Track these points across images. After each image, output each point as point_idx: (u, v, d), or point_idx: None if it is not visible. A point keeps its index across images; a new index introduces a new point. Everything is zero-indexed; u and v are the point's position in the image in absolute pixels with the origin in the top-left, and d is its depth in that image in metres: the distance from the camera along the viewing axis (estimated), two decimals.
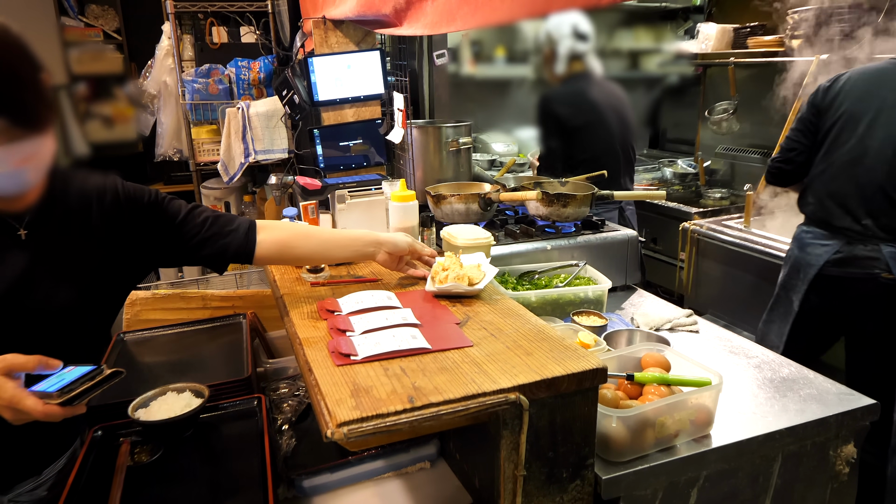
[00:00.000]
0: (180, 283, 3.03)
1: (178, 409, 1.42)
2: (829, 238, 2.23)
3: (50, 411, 1.11)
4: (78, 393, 1.16)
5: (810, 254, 2.26)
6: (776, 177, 2.48)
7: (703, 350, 1.78)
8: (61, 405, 1.13)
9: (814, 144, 2.32)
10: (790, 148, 2.39)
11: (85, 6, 3.70)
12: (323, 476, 1.45)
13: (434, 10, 1.51)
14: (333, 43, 2.38)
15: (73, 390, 1.15)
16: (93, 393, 1.18)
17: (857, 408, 1.43)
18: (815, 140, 2.31)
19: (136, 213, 1.37)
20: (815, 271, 2.22)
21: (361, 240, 1.52)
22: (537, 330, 1.28)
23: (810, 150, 2.33)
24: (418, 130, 2.53)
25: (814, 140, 2.32)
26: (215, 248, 1.42)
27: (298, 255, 1.51)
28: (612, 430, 1.24)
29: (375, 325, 1.29)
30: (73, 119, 3.72)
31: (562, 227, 2.23)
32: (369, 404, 1.01)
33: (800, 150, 2.36)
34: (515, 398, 1.05)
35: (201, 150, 3.27)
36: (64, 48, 3.61)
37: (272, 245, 1.45)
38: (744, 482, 1.36)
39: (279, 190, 2.12)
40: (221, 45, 3.33)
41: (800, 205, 2.41)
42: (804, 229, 2.35)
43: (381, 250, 1.51)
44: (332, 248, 1.52)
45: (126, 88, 3.69)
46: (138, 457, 1.37)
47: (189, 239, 1.41)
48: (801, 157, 2.36)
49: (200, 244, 1.41)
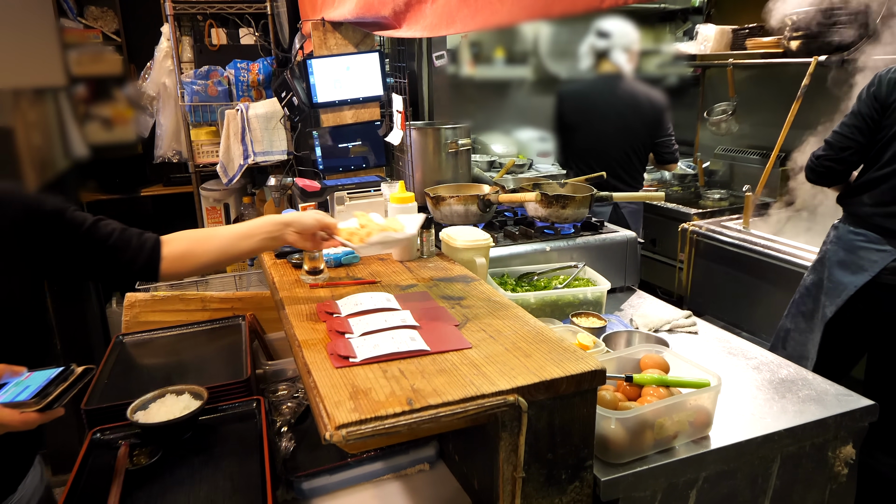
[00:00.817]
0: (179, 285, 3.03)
1: (178, 412, 1.42)
2: (885, 243, 2.07)
3: (28, 419, 1.09)
4: (55, 396, 1.13)
5: (863, 258, 2.09)
6: (824, 176, 2.27)
7: (702, 351, 1.78)
8: (39, 411, 1.11)
9: (871, 142, 2.13)
10: (844, 146, 2.17)
11: (84, 8, 3.70)
12: (322, 478, 1.45)
13: (433, 12, 1.51)
14: (332, 45, 2.38)
15: (49, 394, 1.13)
16: (69, 394, 1.16)
17: (856, 409, 1.43)
18: (875, 137, 2.11)
19: (39, 221, 1.33)
20: (868, 278, 2.06)
21: (265, 226, 1.46)
22: (536, 331, 1.28)
23: (866, 149, 2.15)
24: (417, 132, 2.53)
25: (872, 137, 2.12)
26: (121, 262, 1.38)
27: (205, 261, 1.46)
28: (610, 432, 1.24)
29: (374, 327, 1.29)
30: (73, 121, 3.71)
31: (561, 229, 2.23)
32: (368, 406, 1.01)
33: (855, 149, 2.16)
34: (514, 400, 1.05)
35: (200, 152, 3.27)
36: (63, 50, 3.60)
37: (175, 257, 1.42)
38: (743, 483, 1.36)
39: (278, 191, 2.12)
40: (220, 46, 3.33)
41: (849, 205, 2.22)
42: (852, 230, 2.16)
43: (289, 230, 1.45)
44: (237, 241, 1.45)
45: (125, 90, 3.68)
46: (137, 459, 1.37)
47: (94, 250, 1.37)
48: (855, 157, 2.18)
49: (106, 256, 1.37)
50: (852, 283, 2.08)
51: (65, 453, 3.05)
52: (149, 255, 1.41)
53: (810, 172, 2.31)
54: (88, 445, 1.43)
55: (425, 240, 1.81)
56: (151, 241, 1.42)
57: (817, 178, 2.30)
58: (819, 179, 2.30)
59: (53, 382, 1.16)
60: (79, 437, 3.06)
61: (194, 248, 1.45)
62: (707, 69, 4.03)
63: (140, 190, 3.89)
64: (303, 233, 1.46)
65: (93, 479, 1.33)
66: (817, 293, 2.22)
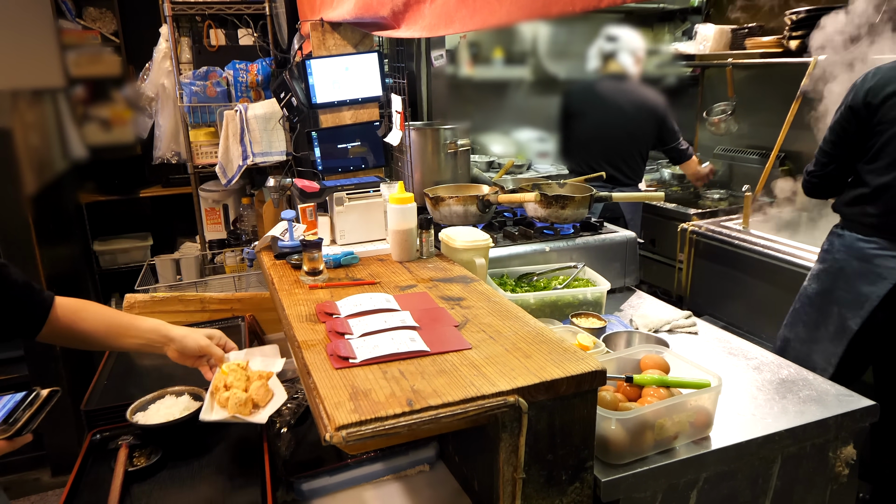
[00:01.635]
0: (178, 286, 3.02)
1: (177, 413, 1.42)
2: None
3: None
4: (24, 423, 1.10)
5: (880, 266, 2.03)
6: (815, 190, 2.28)
7: (702, 351, 1.77)
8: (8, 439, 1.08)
9: (857, 153, 2.10)
10: (826, 162, 2.18)
11: (82, 9, 3.70)
12: (322, 479, 1.45)
13: (432, 12, 1.51)
14: (331, 45, 2.37)
15: (17, 420, 1.10)
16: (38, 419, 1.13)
17: (857, 409, 1.43)
18: (861, 148, 2.08)
19: None
20: (890, 286, 1.99)
21: (151, 333, 1.43)
22: (536, 332, 1.28)
23: (850, 160, 2.13)
24: (416, 132, 2.53)
25: (856, 149, 2.10)
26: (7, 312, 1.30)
27: (85, 337, 1.39)
28: (611, 433, 1.24)
29: (374, 328, 1.29)
30: (71, 122, 3.71)
31: (560, 229, 2.23)
32: (368, 407, 1.01)
33: (838, 164, 2.16)
34: (514, 401, 1.05)
35: (199, 153, 3.27)
36: (61, 51, 3.60)
37: (61, 321, 1.35)
38: (743, 484, 1.36)
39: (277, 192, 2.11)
40: (219, 47, 3.32)
41: (852, 213, 2.14)
42: (862, 238, 2.09)
43: (171, 347, 1.43)
44: (122, 331, 1.41)
45: (124, 91, 3.68)
46: (137, 460, 1.36)
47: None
48: (839, 171, 2.17)
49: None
50: (874, 294, 2.03)
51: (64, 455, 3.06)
52: (37, 309, 1.33)
53: (804, 187, 2.35)
54: (88, 446, 1.43)
55: (425, 240, 1.81)
56: (47, 299, 1.34)
57: (811, 192, 2.33)
58: (813, 193, 2.33)
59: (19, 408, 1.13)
60: (78, 439, 3.06)
61: (82, 320, 1.37)
62: (706, 69, 4.03)
63: (139, 191, 3.89)
64: (182, 353, 1.44)
65: (92, 480, 1.32)
66: (824, 304, 2.17)
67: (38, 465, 3.14)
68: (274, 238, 1.86)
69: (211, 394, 1.36)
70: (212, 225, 3.51)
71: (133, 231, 3.99)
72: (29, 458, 3.12)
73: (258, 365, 1.46)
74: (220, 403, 1.33)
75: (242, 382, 1.36)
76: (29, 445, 1.14)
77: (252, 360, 1.47)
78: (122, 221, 4.02)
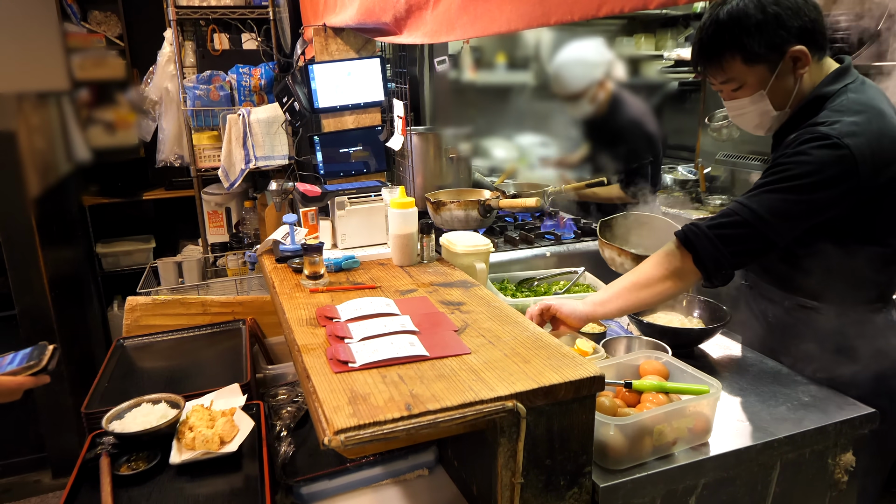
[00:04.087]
0: (180, 289, 3.03)
1: (154, 421, 1.42)
2: None
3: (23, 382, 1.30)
4: (44, 365, 1.37)
5: None
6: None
7: (702, 357, 1.77)
8: (33, 374, 1.34)
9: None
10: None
11: (87, 12, 3.72)
12: (321, 483, 1.45)
13: (434, 18, 1.52)
14: (334, 50, 2.39)
15: (38, 363, 1.37)
16: (52, 362, 1.38)
17: (856, 416, 1.42)
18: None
19: None
20: None
21: None
22: (535, 337, 1.28)
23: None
24: (418, 137, 2.54)
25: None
26: None
27: None
28: (609, 438, 1.24)
29: (374, 332, 1.30)
30: (76, 124, 3.73)
31: (561, 234, 2.24)
32: (367, 412, 1.01)
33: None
34: (513, 406, 1.06)
35: (202, 156, 3.28)
36: (66, 54, 3.62)
37: None
38: (742, 490, 1.36)
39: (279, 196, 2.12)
40: (223, 51, 3.34)
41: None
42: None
43: None
44: None
45: (128, 94, 3.70)
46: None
47: None
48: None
49: None
50: None
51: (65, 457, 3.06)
52: None
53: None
54: (88, 449, 1.43)
55: (425, 245, 1.82)
56: None
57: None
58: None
59: (33, 356, 1.37)
60: (79, 441, 3.06)
61: None
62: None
63: (142, 194, 3.91)
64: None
65: (93, 482, 1.33)
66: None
67: (38, 466, 3.14)
68: (275, 242, 1.86)
69: (176, 439, 1.39)
70: (214, 228, 3.52)
71: (136, 234, 4.01)
72: (30, 460, 3.13)
73: (221, 405, 1.50)
74: (186, 446, 1.36)
75: (205, 422, 1.40)
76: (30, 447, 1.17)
77: (216, 402, 1.51)
78: (124, 224, 4.03)
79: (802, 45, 1.43)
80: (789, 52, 1.44)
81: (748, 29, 1.43)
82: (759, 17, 1.42)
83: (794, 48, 1.43)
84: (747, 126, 1.60)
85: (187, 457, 1.34)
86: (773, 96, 1.50)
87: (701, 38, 1.51)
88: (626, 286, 1.56)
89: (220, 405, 1.49)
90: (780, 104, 1.52)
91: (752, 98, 1.51)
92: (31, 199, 2.96)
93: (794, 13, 1.41)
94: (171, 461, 1.34)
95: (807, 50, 1.44)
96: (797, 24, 1.42)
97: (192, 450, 1.35)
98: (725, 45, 1.46)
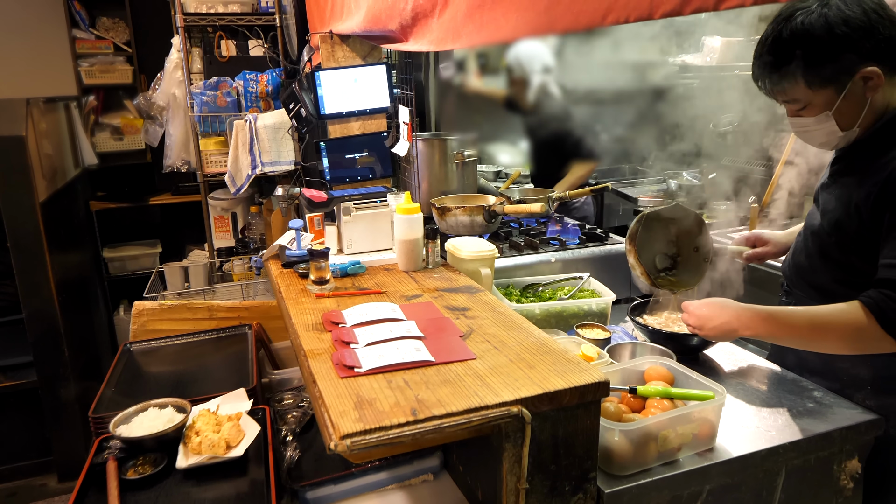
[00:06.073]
0: (187, 294, 3.05)
1: (160, 425, 1.43)
2: None
3: None
4: None
5: None
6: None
7: (707, 363, 1.77)
8: None
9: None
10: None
11: (96, 19, 3.75)
12: (326, 487, 1.45)
13: (440, 27, 1.53)
14: (340, 57, 2.40)
15: None
16: None
17: (861, 422, 1.42)
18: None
19: None
20: None
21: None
22: (540, 343, 1.29)
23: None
24: (424, 143, 2.55)
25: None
26: None
27: None
28: (614, 444, 1.25)
29: (379, 338, 1.30)
30: (84, 130, 3.76)
31: (566, 240, 2.24)
32: (372, 417, 1.02)
33: None
34: (518, 411, 1.06)
35: (209, 162, 3.30)
36: (75, 60, 3.65)
37: None
38: (747, 496, 1.36)
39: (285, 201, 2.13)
40: (230, 58, 3.36)
41: None
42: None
43: None
44: None
45: (135, 100, 3.73)
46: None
47: None
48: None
49: None
50: None
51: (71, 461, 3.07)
52: None
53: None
54: (95, 452, 1.44)
55: (431, 251, 1.82)
56: None
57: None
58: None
59: None
60: (85, 445, 3.08)
61: None
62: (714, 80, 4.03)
63: (149, 199, 3.93)
64: None
65: (100, 486, 1.34)
66: None
67: (45, 470, 3.15)
68: (281, 247, 1.87)
69: (182, 444, 1.40)
70: (220, 233, 3.54)
71: (142, 238, 4.03)
72: (36, 463, 3.14)
73: (227, 409, 1.51)
74: (193, 451, 1.37)
75: (211, 426, 1.41)
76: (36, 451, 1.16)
77: (222, 406, 1.52)
78: (131, 229, 4.06)
79: (875, 65, 1.32)
80: (860, 72, 1.33)
81: (812, 52, 1.32)
82: (826, 38, 1.30)
83: (866, 69, 1.33)
84: (812, 143, 1.51)
85: (194, 461, 1.35)
86: (839, 117, 1.40)
87: (761, 55, 1.41)
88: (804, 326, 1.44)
89: (227, 410, 1.50)
90: (848, 124, 1.42)
91: (818, 118, 1.41)
92: (39, 203, 2.98)
93: (865, 33, 1.30)
94: (177, 465, 1.35)
95: (880, 71, 1.33)
96: (869, 44, 1.30)
97: (198, 454, 1.36)
98: (787, 68, 1.36)
